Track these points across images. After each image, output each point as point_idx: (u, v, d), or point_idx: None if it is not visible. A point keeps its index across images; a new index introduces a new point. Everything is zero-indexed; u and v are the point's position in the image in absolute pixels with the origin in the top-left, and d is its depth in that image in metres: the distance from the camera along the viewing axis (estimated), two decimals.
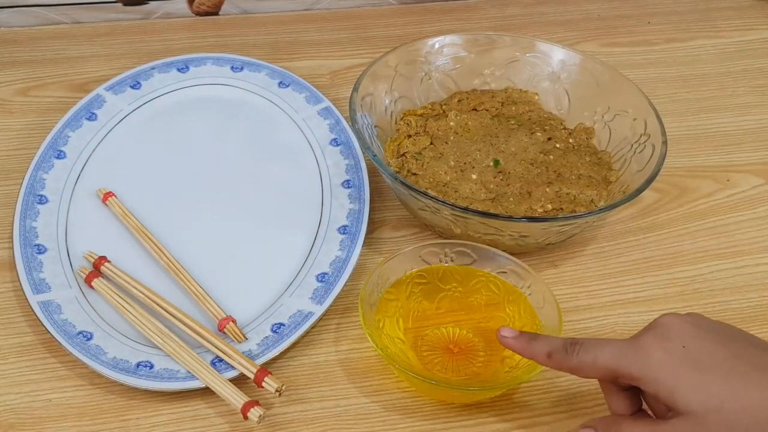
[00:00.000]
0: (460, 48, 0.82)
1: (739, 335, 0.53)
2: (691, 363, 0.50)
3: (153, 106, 0.82)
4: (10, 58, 0.91)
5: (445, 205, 0.66)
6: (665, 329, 0.52)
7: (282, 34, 0.96)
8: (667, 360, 0.50)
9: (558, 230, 0.68)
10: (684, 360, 0.50)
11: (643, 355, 0.51)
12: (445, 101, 0.82)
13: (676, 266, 0.73)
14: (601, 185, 0.74)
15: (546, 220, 0.68)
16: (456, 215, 0.66)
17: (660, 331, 0.52)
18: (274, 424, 0.61)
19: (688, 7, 1.03)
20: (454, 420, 0.61)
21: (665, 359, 0.50)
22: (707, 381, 0.49)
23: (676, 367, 0.50)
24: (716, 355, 0.50)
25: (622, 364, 0.52)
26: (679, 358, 0.50)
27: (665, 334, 0.52)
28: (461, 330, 0.65)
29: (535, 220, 0.68)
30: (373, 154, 0.69)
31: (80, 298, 0.66)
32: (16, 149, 0.80)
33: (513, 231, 0.67)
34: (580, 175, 0.74)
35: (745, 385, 0.49)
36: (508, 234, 0.67)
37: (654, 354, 0.51)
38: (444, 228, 0.70)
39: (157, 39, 0.94)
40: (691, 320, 0.53)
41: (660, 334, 0.52)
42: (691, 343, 0.51)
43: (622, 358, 0.52)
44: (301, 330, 0.64)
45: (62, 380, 0.63)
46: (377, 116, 0.77)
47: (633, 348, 0.52)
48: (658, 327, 0.52)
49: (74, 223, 0.72)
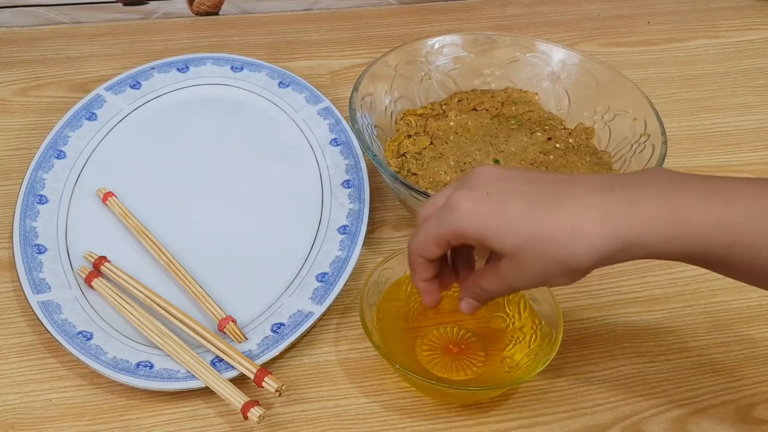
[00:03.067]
0: (460, 48, 0.82)
1: (541, 174, 0.54)
2: (495, 207, 0.51)
3: (153, 106, 0.82)
4: (10, 58, 0.91)
5: None
6: (471, 178, 0.53)
7: (282, 34, 0.96)
8: (473, 207, 0.51)
9: None
10: (489, 206, 0.51)
11: (456, 210, 0.52)
12: (445, 101, 0.82)
13: (676, 266, 0.73)
14: None
15: None
16: None
17: (467, 181, 0.53)
18: (274, 424, 0.61)
19: (688, 7, 1.03)
20: (454, 420, 0.61)
21: (472, 207, 0.51)
22: (511, 221, 0.50)
23: (484, 213, 0.51)
24: (517, 193, 0.51)
25: (443, 226, 0.53)
26: (485, 204, 0.51)
27: (470, 183, 0.53)
28: (461, 330, 0.65)
29: None
30: (373, 154, 0.69)
31: (80, 298, 0.66)
32: (16, 149, 0.80)
33: None
34: None
35: (545, 214, 0.49)
36: None
37: (463, 206, 0.52)
38: None
39: (157, 39, 0.94)
40: (497, 167, 0.54)
41: (467, 185, 0.53)
42: (494, 187, 0.52)
43: (441, 223, 0.53)
44: (301, 330, 0.64)
45: (62, 380, 0.63)
46: (377, 116, 0.77)
47: (446, 208, 0.53)
48: (466, 178, 0.54)
49: (74, 223, 0.72)
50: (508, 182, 0.52)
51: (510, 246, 0.50)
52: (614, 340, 0.67)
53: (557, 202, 0.50)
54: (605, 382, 0.64)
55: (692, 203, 0.48)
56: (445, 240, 0.53)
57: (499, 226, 0.50)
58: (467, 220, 0.51)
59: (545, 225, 0.49)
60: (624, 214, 0.48)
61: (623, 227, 0.48)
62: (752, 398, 0.64)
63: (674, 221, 0.48)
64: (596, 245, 0.48)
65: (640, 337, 0.67)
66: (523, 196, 0.51)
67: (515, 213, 0.50)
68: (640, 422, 0.62)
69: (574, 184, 0.51)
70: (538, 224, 0.49)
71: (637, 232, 0.48)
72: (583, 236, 0.48)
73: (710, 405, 0.63)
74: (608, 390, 0.64)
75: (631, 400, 0.63)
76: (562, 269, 0.50)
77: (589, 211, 0.49)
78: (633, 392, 0.64)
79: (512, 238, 0.50)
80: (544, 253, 0.49)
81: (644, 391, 0.64)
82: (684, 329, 0.68)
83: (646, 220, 0.48)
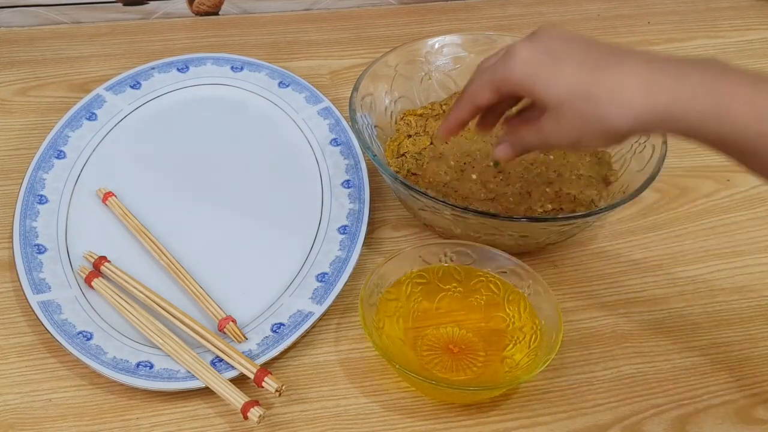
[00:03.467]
0: (460, 48, 0.82)
1: (600, 44, 0.56)
2: (550, 57, 0.55)
3: (153, 106, 0.82)
4: (10, 58, 0.91)
5: (445, 205, 0.66)
6: (536, 35, 0.57)
7: (282, 34, 0.96)
8: (530, 57, 0.55)
9: (558, 230, 0.68)
10: (545, 55, 0.55)
11: (513, 57, 0.56)
12: (445, 101, 0.82)
13: (676, 266, 0.73)
14: (601, 185, 0.74)
15: (546, 220, 0.68)
16: (456, 215, 0.66)
17: (531, 37, 0.57)
18: (274, 424, 0.61)
19: (688, 7, 1.03)
20: (454, 420, 0.61)
21: (529, 57, 0.55)
22: (559, 75, 0.54)
23: (538, 63, 0.55)
24: (573, 50, 0.55)
25: (498, 71, 0.57)
26: (542, 53, 0.55)
27: (534, 38, 0.57)
28: (461, 330, 0.65)
29: (535, 219, 0.68)
30: (373, 154, 0.69)
31: (80, 298, 0.66)
32: (16, 149, 0.80)
33: (512, 231, 0.67)
34: (580, 175, 0.74)
35: (593, 74, 0.53)
36: (507, 234, 0.67)
37: (520, 54, 0.55)
38: (444, 228, 0.70)
39: (157, 39, 0.94)
40: (562, 29, 0.58)
41: (530, 39, 0.57)
42: (554, 42, 0.56)
43: (499, 67, 0.57)
44: (301, 330, 0.64)
45: (62, 380, 0.63)
46: (377, 116, 0.77)
47: (506, 55, 0.57)
48: (531, 35, 0.57)
49: (74, 223, 0.72)
50: (568, 42, 0.56)
51: (554, 97, 0.54)
52: (614, 340, 0.67)
53: (607, 66, 0.53)
54: (605, 382, 0.64)
55: (734, 90, 0.50)
56: (497, 86, 0.57)
57: (549, 78, 0.54)
58: (521, 67, 0.55)
59: (590, 83, 0.53)
60: (667, 86, 0.51)
61: (664, 97, 0.51)
62: (752, 398, 0.64)
63: (713, 101, 0.50)
64: (635, 109, 0.51)
65: (640, 337, 0.67)
66: (578, 56, 0.54)
67: (566, 68, 0.54)
68: (640, 422, 0.62)
69: (628, 55, 0.54)
70: (584, 81, 0.53)
71: (676, 105, 0.50)
72: (623, 98, 0.51)
73: (710, 405, 0.63)
74: (608, 390, 0.64)
75: (631, 400, 0.63)
76: (598, 129, 0.53)
77: (634, 78, 0.52)
78: (633, 392, 0.64)
79: (557, 90, 0.54)
80: (585, 109, 0.53)
81: (644, 391, 0.64)
82: (684, 329, 0.68)
83: (687, 95, 0.50)
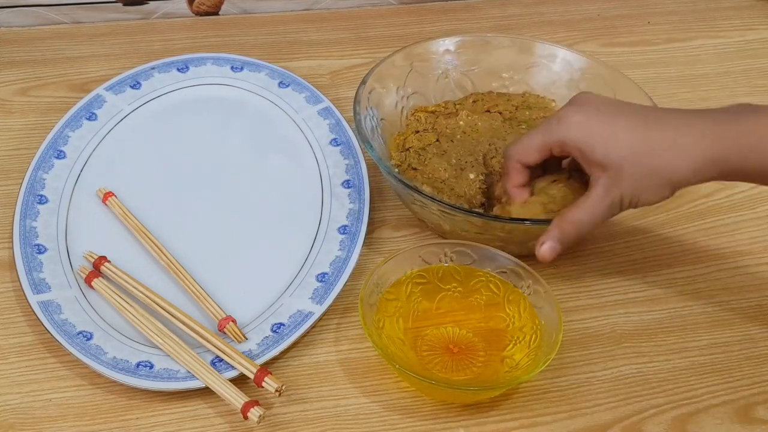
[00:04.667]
0: (479, 49, 0.82)
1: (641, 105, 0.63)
2: (603, 119, 0.59)
3: (153, 106, 0.82)
4: (10, 58, 0.91)
5: (432, 200, 0.66)
6: (581, 101, 0.61)
7: (282, 34, 0.96)
8: (584, 120, 0.59)
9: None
10: (598, 117, 0.59)
11: (565, 121, 0.60)
12: (459, 101, 0.82)
13: (676, 266, 0.73)
14: None
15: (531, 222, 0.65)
16: (443, 211, 0.67)
17: (576, 102, 0.61)
18: (274, 424, 0.61)
19: (688, 7, 1.03)
20: (454, 420, 0.61)
21: (583, 120, 0.59)
22: (617, 132, 0.58)
23: (593, 125, 0.59)
24: (623, 112, 0.60)
25: (550, 133, 0.60)
26: (595, 117, 0.59)
27: (581, 102, 0.61)
28: (461, 330, 0.65)
29: (519, 221, 0.66)
30: (370, 146, 0.69)
31: (80, 298, 0.66)
32: (16, 149, 0.80)
33: (499, 231, 0.67)
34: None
35: (649, 130, 0.57)
36: (494, 234, 0.67)
37: (573, 118, 0.59)
38: (434, 224, 0.70)
39: (157, 39, 0.94)
40: (602, 95, 0.63)
41: (577, 103, 0.61)
42: (603, 106, 0.60)
43: (549, 131, 0.61)
44: (301, 330, 0.64)
45: (62, 380, 0.63)
46: (385, 109, 0.77)
47: (556, 119, 0.61)
48: (574, 101, 0.62)
49: (74, 223, 0.72)
50: (614, 104, 0.61)
51: (615, 157, 0.57)
52: (614, 340, 0.67)
53: (655, 123, 0.58)
54: (605, 382, 0.64)
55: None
56: (548, 147, 0.60)
57: (607, 137, 0.58)
58: (577, 129, 0.58)
59: (649, 138, 0.57)
60: (715, 133, 0.57)
61: (715, 144, 0.56)
62: (752, 398, 0.64)
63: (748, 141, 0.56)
64: (692, 158, 0.56)
65: (640, 337, 0.67)
66: (629, 114, 0.59)
67: (622, 126, 0.58)
68: (640, 422, 0.62)
69: (665, 112, 0.60)
70: (642, 139, 0.57)
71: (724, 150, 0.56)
72: (682, 150, 0.56)
73: (710, 405, 0.63)
74: (608, 390, 0.64)
75: (631, 400, 0.63)
76: (658, 182, 0.57)
77: (687, 129, 0.57)
78: (633, 392, 0.64)
79: (617, 149, 0.57)
80: (647, 164, 0.57)
81: (644, 391, 0.64)
82: (684, 329, 0.68)
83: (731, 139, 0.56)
